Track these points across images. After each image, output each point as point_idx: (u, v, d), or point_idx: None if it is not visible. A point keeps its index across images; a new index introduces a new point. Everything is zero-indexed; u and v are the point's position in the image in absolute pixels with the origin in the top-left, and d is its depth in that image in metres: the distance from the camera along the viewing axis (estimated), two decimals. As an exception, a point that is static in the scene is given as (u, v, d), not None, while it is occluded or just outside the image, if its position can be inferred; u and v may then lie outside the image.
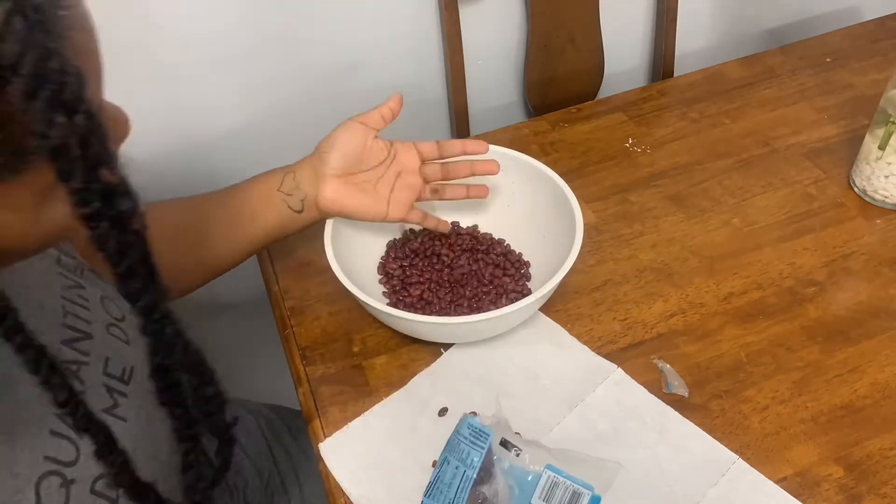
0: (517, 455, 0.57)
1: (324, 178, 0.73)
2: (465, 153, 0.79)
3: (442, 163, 0.79)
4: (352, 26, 1.00)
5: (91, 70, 0.38)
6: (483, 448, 0.57)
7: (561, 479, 0.57)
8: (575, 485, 0.57)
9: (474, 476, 0.56)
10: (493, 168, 0.79)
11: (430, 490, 0.56)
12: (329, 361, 0.77)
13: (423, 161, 0.78)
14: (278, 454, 0.90)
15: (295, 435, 0.92)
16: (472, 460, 0.56)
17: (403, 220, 0.78)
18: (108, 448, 0.49)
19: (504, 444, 0.58)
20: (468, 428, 0.58)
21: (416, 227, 0.86)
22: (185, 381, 0.51)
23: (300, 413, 0.76)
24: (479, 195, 0.81)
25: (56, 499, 0.49)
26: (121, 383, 0.58)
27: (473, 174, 0.79)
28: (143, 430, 0.57)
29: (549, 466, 0.57)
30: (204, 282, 0.77)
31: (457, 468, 0.56)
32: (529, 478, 0.57)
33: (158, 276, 0.43)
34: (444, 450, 0.57)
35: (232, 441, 0.59)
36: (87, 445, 0.51)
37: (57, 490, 0.49)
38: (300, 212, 0.75)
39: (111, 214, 0.38)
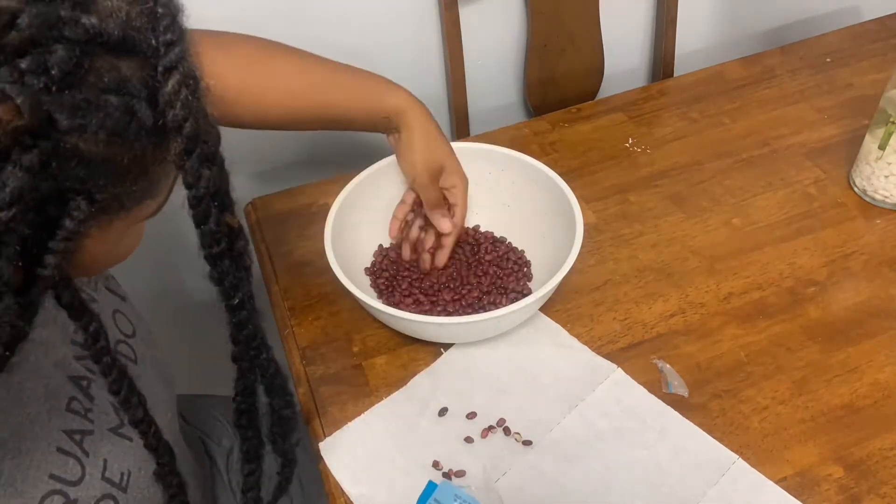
0: None
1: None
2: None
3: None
4: (352, 26, 1.00)
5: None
6: None
7: None
8: None
9: None
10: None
11: None
12: (329, 361, 0.77)
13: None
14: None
15: (295, 435, 0.92)
16: None
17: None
18: (169, 469, 0.53)
19: None
20: (455, 499, 0.58)
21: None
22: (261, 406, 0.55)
23: (301, 412, 0.76)
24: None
25: None
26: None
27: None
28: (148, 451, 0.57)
29: None
30: (274, 107, 0.77)
31: None
32: None
33: (257, 308, 0.48)
34: None
35: (294, 462, 0.62)
36: (93, 466, 0.52)
37: None
38: (376, 131, 0.80)
39: (232, 254, 0.44)
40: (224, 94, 0.68)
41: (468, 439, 0.70)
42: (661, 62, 1.18)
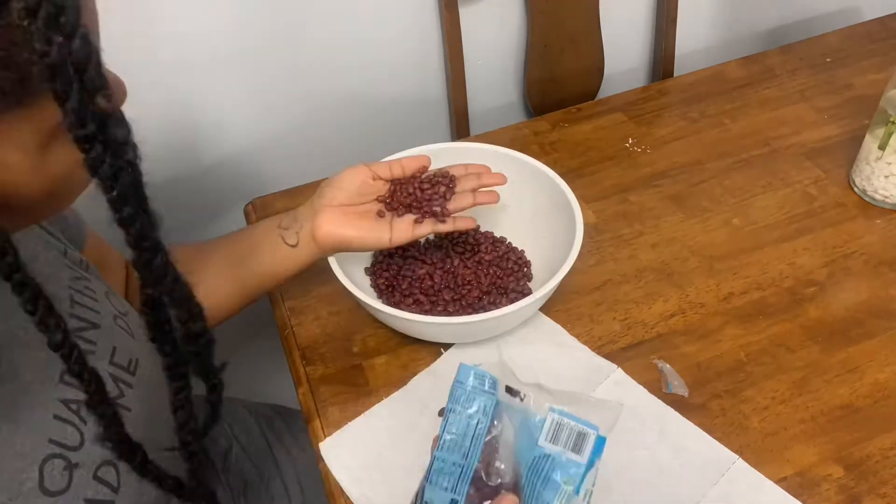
0: (521, 399, 0.58)
1: (321, 210, 0.72)
2: (470, 173, 0.77)
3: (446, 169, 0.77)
4: (352, 26, 1.00)
5: (89, 23, 0.39)
6: (494, 396, 0.57)
7: (566, 420, 0.57)
8: (580, 425, 0.57)
9: (488, 424, 0.56)
10: (499, 179, 0.76)
11: (442, 444, 0.56)
12: (329, 361, 0.77)
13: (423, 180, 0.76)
14: (279, 454, 0.90)
15: (295, 435, 0.92)
16: (486, 409, 0.56)
17: (412, 239, 0.74)
18: (98, 398, 0.49)
19: (508, 390, 0.58)
20: (475, 377, 0.58)
21: None
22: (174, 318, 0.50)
23: (300, 413, 0.76)
24: (488, 201, 0.77)
25: (59, 481, 0.50)
26: (127, 373, 0.58)
27: (481, 186, 0.76)
28: (148, 421, 0.58)
29: (553, 408, 0.57)
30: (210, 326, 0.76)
31: (469, 418, 0.56)
32: (535, 420, 0.57)
33: (150, 206, 0.43)
34: (449, 401, 0.57)
35: (220, 385, 0.56)
36: (91, 431, 0.52)
37: (60, 473, 0.50)
38: (295, 245, 0.73)
39: (105, 139, 0.39)
40: None
41: (468, 439, 0.70)
42: (661, 62, 1.18)
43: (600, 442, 0.57)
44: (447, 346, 0.77)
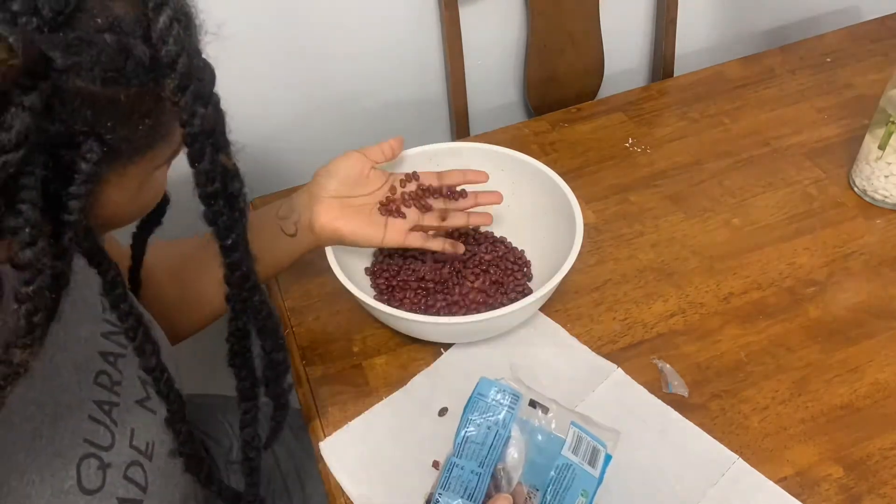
0: (544, 413, 0.60)
1: (318, 200, 0.73)
2: (467, 182, 0.78)
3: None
4: (352, 27, 1.00)
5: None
6: (515, 410, 0.59)
7: (584, 434, 0.60)
8: (594, 441, 0.60)
9: (507, 436, 0.58)
10: (496, 199, 0.79)
11: (459, 450, 0.57)
12: (329, 361, 0.77)
13: (424, 189, 0.77)
14: (280, 453, 0.90)
15: (297, 434, 0.92)
16: (506, 421, 0.59)
17: (402, 246, 0.76)
18: (179, 417, 0.55)
19: (532, 403, 0.61)
20: (497, 391, 0.60)
21: None
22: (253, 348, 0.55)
23: (301, 412, 0.76)
24: (482, 222, 0.80)
25: (94, 480, 0.51)
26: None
27: (477, 205, 0.79)
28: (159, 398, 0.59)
29: (573, 423, 0.61)
30: (205, 320, 0.77)
31: (489, 429, 0.58)
32: (557, 434, 0.60)
33: (251, 251, 0.49)
34: (466, 411, 0.59)
35: (287, 406, 0.63)
36: (121, 434, 0.55)
37: (95, 472, 0.52)
38: (293, 235, 0.74)
39: (226, 194, 0.45)
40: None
41: (468, 439, 0.70)
42: (661, 62, 1.18)
43: (608, 460, 0.60)
44: (447, 346, 0.77)
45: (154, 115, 0.41)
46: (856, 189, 0.90)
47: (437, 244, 0.77)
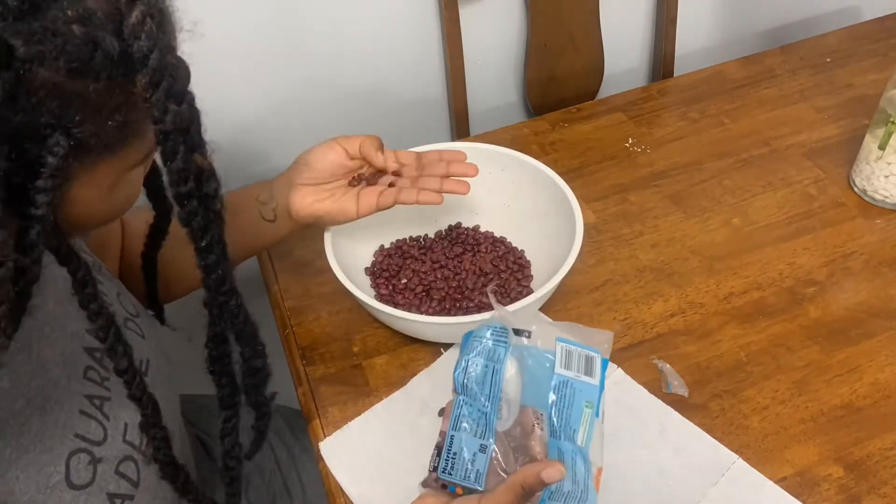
0: (528, 337, 0.60)
1: (295, 188, 0.73)
2: (442, 160, 0.76)
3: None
4: (352, 26, 1.00)
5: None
6: (507, 342, 0.60)
7: (573, 347, 0.60)
8: (586, 350, 0.60)
9: (503, 369, 0.59)
10: (470, 170, 0.75)
11: (463, 392, 0.57)
12: (329, 361, 0.77)
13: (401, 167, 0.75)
14: (280, 453, 0.90)
15: (297, 434, 0.92)
16: (499, 355, 0.59)
17: (376, 209, 0.73)
18: (153, 421, 0.53)
19: (516, 332, 0.61)
20: (488, 329, 0.60)
21: (413, 234, 0.85)
22: (234, 354, 0.55)
23: (301, 412, 0.76)
24: (457, 189, 0.74)
25: (84, 475, 0.51)
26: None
27: (448, 174, 0.75)
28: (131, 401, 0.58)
29: (559, 338, 0.60)
30: (190, 287, 0.78)
31: (486, 366, 0.59)
32: (547, 353, 0.60)
33: (228, 254, 0.48)
34: (462, 355, 0.60)
35: (269, 415, 0.62)
36: (114, 428, 0.54)
37: (85, 467, 0.51)
38: (272, 220, 0.75)
39: (200, 194, 0.44)
40: None
41: (468, 439, 0.70)
42: (661, 62, 1.18)
43: (605, 364, 0.60)
44: (447, 346, 0.77)
45: (125, 112, 0.41)
46: (856, 189, 0.90)
47: (411, 195, 0.73)
